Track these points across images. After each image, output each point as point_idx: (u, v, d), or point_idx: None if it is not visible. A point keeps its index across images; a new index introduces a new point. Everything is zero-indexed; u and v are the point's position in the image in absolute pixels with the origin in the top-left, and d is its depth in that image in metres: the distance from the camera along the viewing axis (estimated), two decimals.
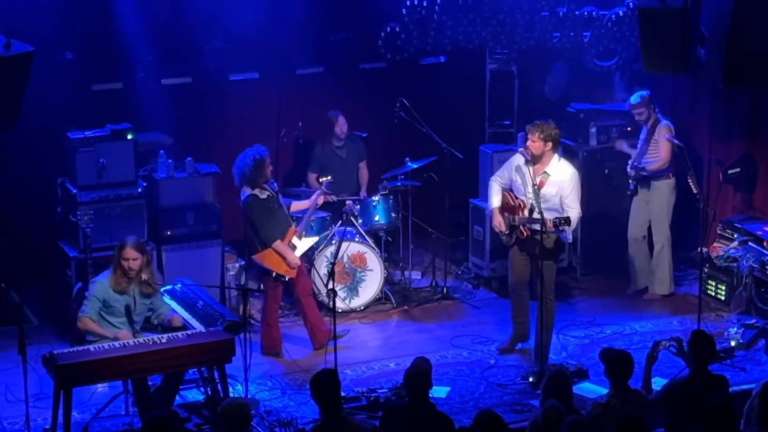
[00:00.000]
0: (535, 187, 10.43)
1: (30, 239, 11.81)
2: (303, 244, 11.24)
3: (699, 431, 7.92)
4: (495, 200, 10.86)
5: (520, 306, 11.14)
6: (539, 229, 10.40)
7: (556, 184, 10.54)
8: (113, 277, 9.89)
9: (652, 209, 12.29)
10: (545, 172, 10.57)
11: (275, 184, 11.27)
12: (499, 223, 10.80)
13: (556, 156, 10.65)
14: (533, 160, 10.57)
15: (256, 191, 10.97)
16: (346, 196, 12.32)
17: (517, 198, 10.72)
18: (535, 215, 10.45)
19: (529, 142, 10.59)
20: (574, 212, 10.51)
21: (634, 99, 12.18)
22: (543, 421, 7.72)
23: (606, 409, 8.28)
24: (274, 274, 11.08)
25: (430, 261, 13.10)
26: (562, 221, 10.28)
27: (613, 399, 8.34)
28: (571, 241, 11.08)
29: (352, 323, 11.83)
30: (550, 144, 10.54)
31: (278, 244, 11.00)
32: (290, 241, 11.08)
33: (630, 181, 12.24)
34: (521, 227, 10.64)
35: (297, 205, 11.53)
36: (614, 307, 12.26)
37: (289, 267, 11.02)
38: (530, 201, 10.54)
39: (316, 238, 11.73)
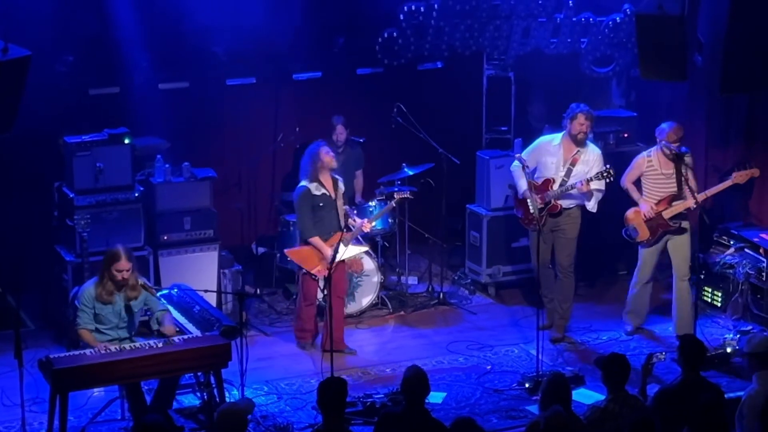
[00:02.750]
0: (568, 163, 11.26)
1: (27, 243, 11.81)
2: (347, 252, 11.21)
3: None
4: (523, 181, 11.34)
5: (549, 283, 11.59)
6: (570, 203, 11.29)
7: (588, 162, 11.29)
8: (101, 288, 9.64)
9: (681, 249, 11.42)
10: (578, 150, 11.26)
11: (341, 183, 11.32)
12: (535, 198, 11.25)
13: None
14: (580, 142, 11.29)
15: (312, 186, 11.08)
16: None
17: (541, 178, 11.35)
18: (565, 187, 11.22)
19: (584, 127, 11.26)
20: (601, 187, 11.26)
21: (675, 127, 11.25)
22: (545, 427, 7.72)
23: (604, 413, 8.29)
24: (303, 270, 11.17)
25: (427, 266, 13.10)
26: (606, 173, 11.07)
27: (612, 403, 8.34)
28: (595, 211, 11.44)
29: (349, 328, 11.81)
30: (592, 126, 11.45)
31: (316, 240, 11.09)
32: (333, 244, 11.01)
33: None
34: (553, 201, 11.23)
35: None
36: (610, 313, 12.25)
37: (322, 265, 11.02)
38: (561, 178, 11.25)
39: (363, 248, 11.70)
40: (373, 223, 11.64)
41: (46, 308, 11.78)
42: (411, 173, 12.49)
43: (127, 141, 11.52)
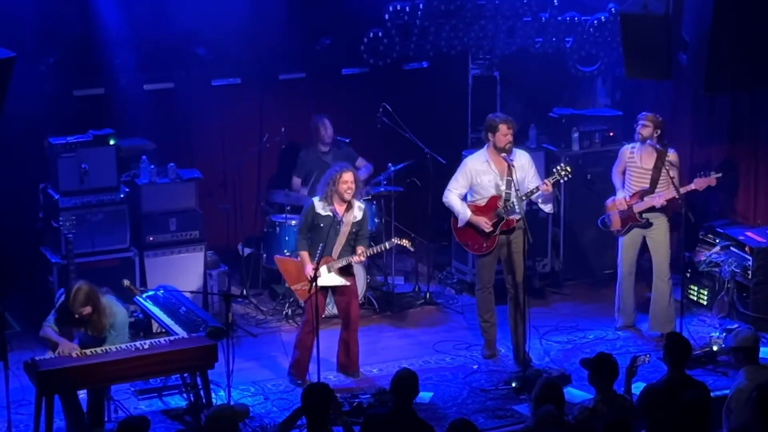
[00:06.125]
0: (511, 170, 10.80)
1: (12, 245, 11.77)
2: (328, 279, 10.66)
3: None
4: (465, 209, 10.98)
5: (489, 304, 11.19)
6: (519, 218, 10.75)
7: (523, 167, 10.98)
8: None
9: (660, 248, 11.42)
10: (510, 159, 10.91)
11: (357, 210, 10.76)
12: (485, 221, 10.87)
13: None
14: (508, 152, 10.89)
15: (321, 203, 10.65)
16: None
17: (482, 199, 10.95)
18: (526, 194, 10.78)
19: (509, 137, 10.89)
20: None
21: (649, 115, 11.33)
22: (536, 427, 7.73)
23: (593, 413, 8.29)
24: (286, 284, 11.13)
25: (413, 266, 13.10)
26: (563, 172, 10.78)
27: (600, 403, 8.36)
28: (553, 212, 11.42)
29: (335, 329, 11.78)
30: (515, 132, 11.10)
31: (305, 254, 10.65)
32: (318, 267, 10.47)
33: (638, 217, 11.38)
34: (506, 217, 10.82)
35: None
36: (597, 312, 12.28)
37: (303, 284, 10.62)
38: (504, 192, 10.84)
39: (343, 281, 10.81)
40: (365, 256, 10.89)
41: (31, 310, 11.72)
42: (395, 168, 12.48)
43: (112, 142, 11.51)
